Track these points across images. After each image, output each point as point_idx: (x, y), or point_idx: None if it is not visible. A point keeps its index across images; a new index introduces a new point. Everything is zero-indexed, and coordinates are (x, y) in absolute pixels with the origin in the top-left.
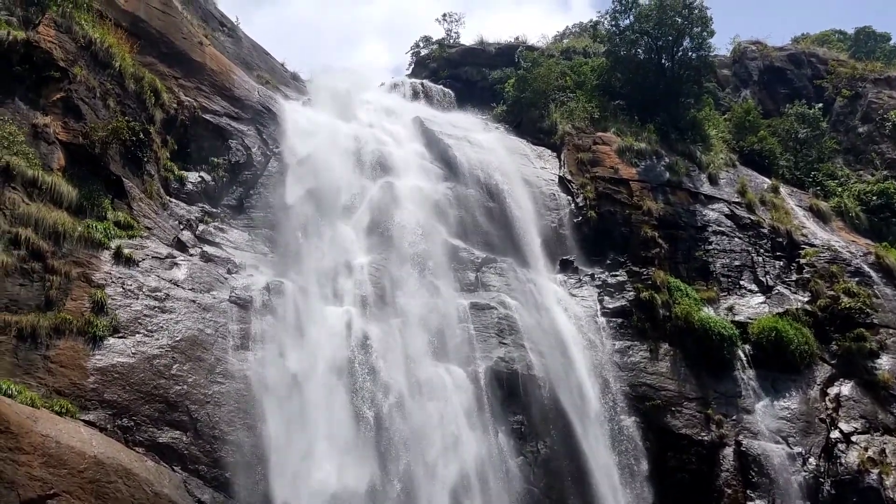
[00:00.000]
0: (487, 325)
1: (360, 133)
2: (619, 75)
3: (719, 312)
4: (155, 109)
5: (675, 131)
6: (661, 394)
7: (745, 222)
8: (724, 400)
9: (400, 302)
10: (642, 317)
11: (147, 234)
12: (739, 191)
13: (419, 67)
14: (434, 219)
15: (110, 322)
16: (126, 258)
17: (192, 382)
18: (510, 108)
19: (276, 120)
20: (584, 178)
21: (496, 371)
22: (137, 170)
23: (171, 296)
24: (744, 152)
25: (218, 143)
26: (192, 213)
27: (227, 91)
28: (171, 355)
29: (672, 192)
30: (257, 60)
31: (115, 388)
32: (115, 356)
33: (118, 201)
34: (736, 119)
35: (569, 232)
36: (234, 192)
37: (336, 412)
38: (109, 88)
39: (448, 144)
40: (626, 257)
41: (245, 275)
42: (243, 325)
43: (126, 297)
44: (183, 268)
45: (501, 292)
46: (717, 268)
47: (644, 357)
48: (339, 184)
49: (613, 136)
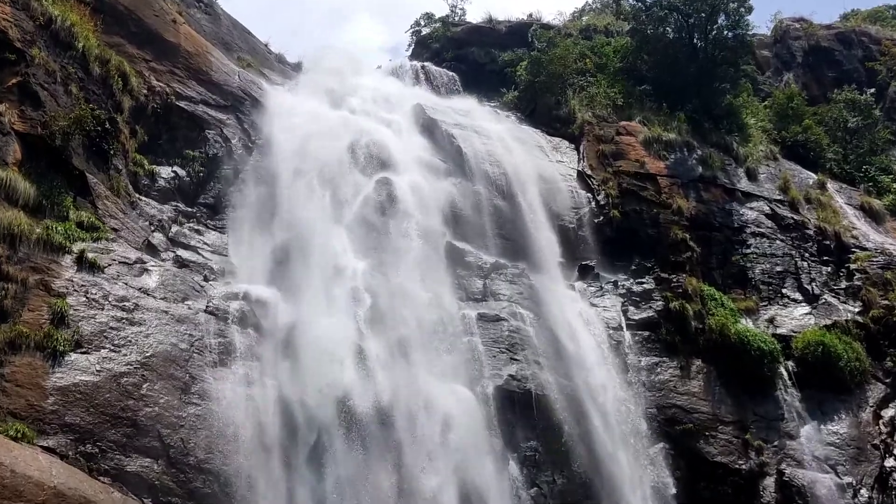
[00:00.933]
0: (497, 339)
1: (354, 122)
2: (646, 57)
3: (759, 324)
4: (123, 96)
5: (709, 120)
6: (693, 417)
7: (788, 223)
8: (765, 423)
9: (398, 313)
10: (672, 329)
11: (114, 236)
12: (781, 187)
13: (420, 48)
14: (437, 219)
15: (72, 336)
16: (90, 264)
17: (165, 404)
18: (523, 93)
19: (259, 108)
20: (606, 173)
21: (507, 391)
22: (103, 164)
23: (141, 306)
24: (786, 144)
25: (194, 133)
26: (165, 213)
27: (204, 75)
28: (141, 373)
29: (705, 188)
30: (238, 41)
31: (77, 410)
32: (77, 374)
33: (81, 199)
34: (777, 106)
35: (589, 233)
36: (212, 188)
37: (328, 436)
38: (72, 72)
39: (453, 135)
40: (653, 262)
41: (224, 282)
42: (222, 338)
43: (90, 308)
44: (154, 274)
45: (513, 302)
46: (756, 274)
47: (674, 375)
48: (329, 180)
49: (639, 125)
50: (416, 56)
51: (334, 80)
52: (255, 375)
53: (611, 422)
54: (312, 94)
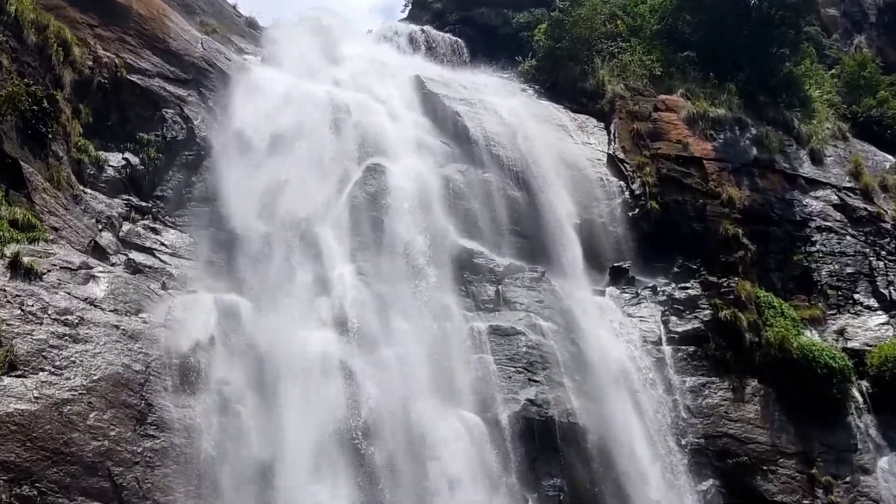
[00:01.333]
0: (513, 357)
1: (341, 99)
2: (689, 17)
3: (826, 337)
4: (63, 69)
5: (765, 92)
6: (748, 448)
7: (861, 215)
8: (834, 455)
9: (394, 326)
10: (722, 344)
11: (54, 236)
12: (852, 172)
13: (418, 9)
14: (439, 213)
15: (5, 356)
16: (26, 269)
17: (116, 436)
18: (542, 62)
19: (227, 82)
20: (642, 157)
21: (525, 418)
22: (41, 150)
23: (87, 320)
24: (858, 120)
25: (148, 112)
26: (115, 209)
27: (161, 43)
28: (87, 400)
29: (761, 174)
30: (200, 2)
31: (11, 445)
32: (11, 402)
33: (15, 193)
34: (847, 75)
35: (622, 229)
36: (171, 179)
37: (309, 475)
38: (2, 41)
39: (458, 113)
40: (699, 263)
41: (186, 290)
42: (184, 358)
43: (26, 323)
44: (102, 282)
45: (531, 312)
46: (822, 277)
47: (725, 398)
48: (310, 168)
49: (681, 99)
50: (414, 19)
51: (316, 48)
52: (224, 401)
53: (650, 454)
54: (290, 65)
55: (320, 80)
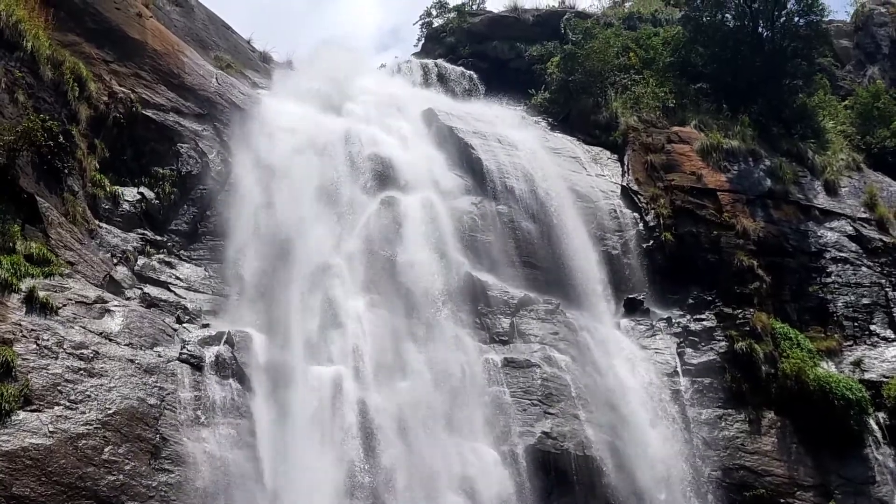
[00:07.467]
0: (528, 390)
1: (354, 131)
2: (701, 49)
3: (842, 368)
4: (79, 104)
5: (778, 124)
6: (765, 481)
7: (876, 246)
8: (852, 488)
9: (408, 359)
10: (738, 376)
11: (69, 270)
12: (867, 203)
13: (431, 43)
14: (453, 245)
15: (20, 390)
16: (41, 304)
17: (131, 471)
18: (555, 95)
19: (241, 116)
20: (656, 189)
21: (541, 451)
22: (56, 185)
23: (102, 354)
24: (872, 151)
25: (163, 147)
26: (130, 243)
27: (176, 78)
28: (103, 434)
29: (775, 205)
30: (215, 37)
31: (27, 480)
32: (26, 436)
33: (31, 227)
34: (860, 106)
35: (636, 261)
36: (186, 213)
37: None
38: (18, 77)
39: (471, 145)
40: (714, 295)
41: (201, 324)
42: (198, 392)
43: (42, 357)
44: (117, 316)
45: (546, 344)
46: (838, 308)
47: (741, 430)
48: (325, 200)
49: (694, 131)
50: (427, 52)
51: (330, 82)
52: (238, 435)
53: (665, 487)
54: (305, 99)
55: (334, 114)
